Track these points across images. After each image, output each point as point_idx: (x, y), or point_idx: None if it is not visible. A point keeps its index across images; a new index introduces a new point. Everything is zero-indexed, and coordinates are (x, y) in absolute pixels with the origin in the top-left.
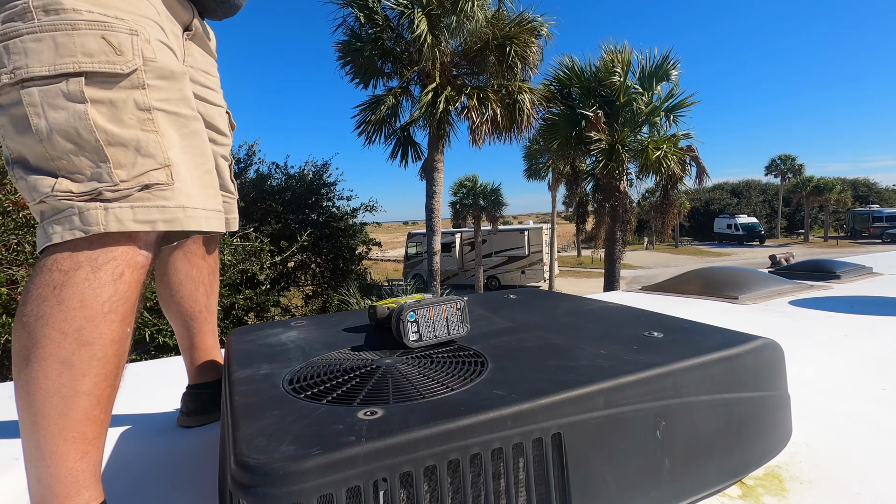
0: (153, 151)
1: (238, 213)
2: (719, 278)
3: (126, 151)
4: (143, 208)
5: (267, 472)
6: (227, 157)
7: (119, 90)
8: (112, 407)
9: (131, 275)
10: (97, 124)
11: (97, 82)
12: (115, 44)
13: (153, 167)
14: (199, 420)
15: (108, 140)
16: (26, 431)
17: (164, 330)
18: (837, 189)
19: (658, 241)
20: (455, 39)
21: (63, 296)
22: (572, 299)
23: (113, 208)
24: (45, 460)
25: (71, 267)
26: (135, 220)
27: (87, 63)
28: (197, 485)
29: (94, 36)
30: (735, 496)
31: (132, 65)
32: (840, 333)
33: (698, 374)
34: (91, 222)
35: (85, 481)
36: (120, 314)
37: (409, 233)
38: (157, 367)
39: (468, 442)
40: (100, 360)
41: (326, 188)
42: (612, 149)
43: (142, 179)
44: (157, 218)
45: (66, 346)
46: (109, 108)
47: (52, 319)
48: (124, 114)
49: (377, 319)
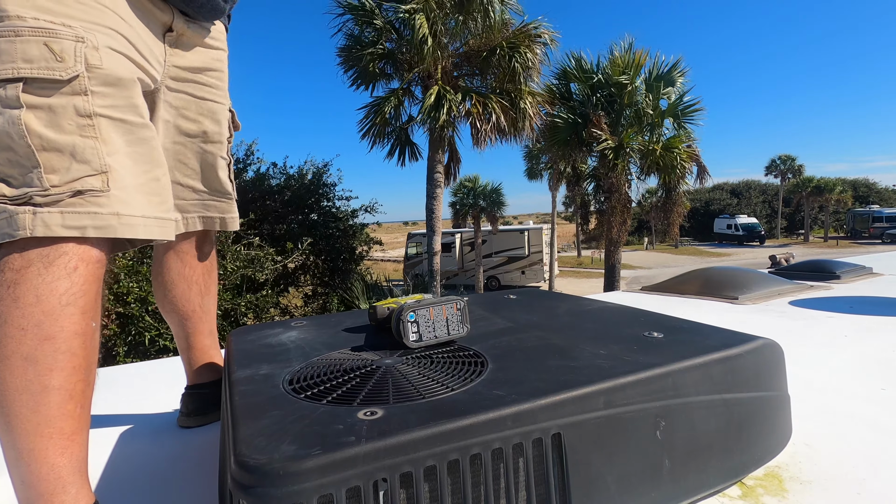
0: (89, 157)
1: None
2: (719, 278)
3: (61, 157)
4: (73, 214)
5: (267, 472)
6: (226, 157)
7: (59, 96)
8: (90, 403)
9: (86, 268)
10: (31, 129)
11: (36, 88)
12: (57, 50)
13: (88, 173)
14: (199, 420)
15: (43, 145)
16: (2, 434)
17: (164, 334)
18: (837, 189)
19: (659, 241)
20: (457, 41)
21: (18, 293)
22: (572, 299)
23: (41, 213)
24: (25, 459)
25: (22, 265)
26: (63, 226)
27: (25, 69)
28: (197, 485)
29: (36, 42)
30: (735, 496)
31: (72, 71)
32: (840, 333)
33: (698, 375)
34: (18, 226)
35: (69, 477)
36: (79, 307)
37: (409, 233)
38: (157, 368)
39: (468, 442)
40: (65, 353)
41: (326, 188)
42: (619, 149)
43: (74, 185)
44: (87, 224)
45: (27, 341)
46: (48, 114)
47: (10, 317)
48: (63, 119)
49: (377, 320)
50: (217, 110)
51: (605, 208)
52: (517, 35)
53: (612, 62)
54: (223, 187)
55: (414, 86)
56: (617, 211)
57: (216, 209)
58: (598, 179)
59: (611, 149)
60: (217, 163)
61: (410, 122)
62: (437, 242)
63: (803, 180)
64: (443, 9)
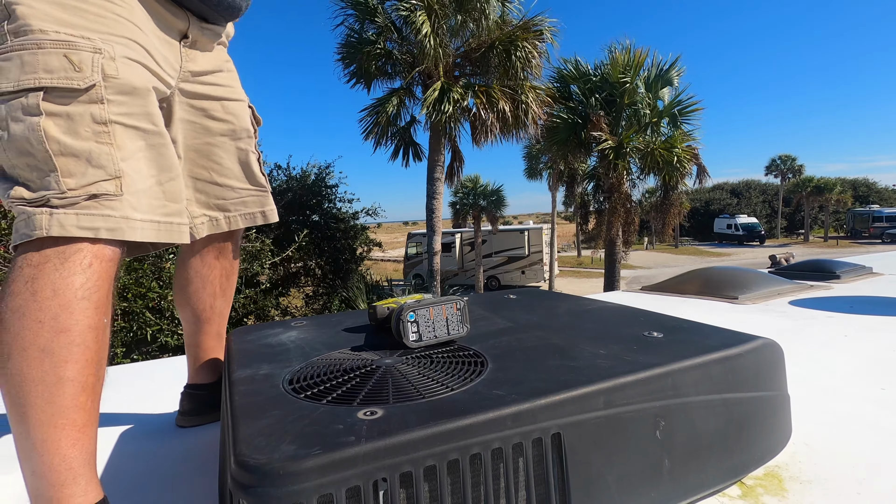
0: (104, 163)
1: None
2: (719, 278)
3: (78, 162)
4: (87, 216)
5: (267, 472)
6: (255, 151)
7: (77, 104)
8: (99, 398)
9: (100, 265)
10: (50, 136)
11: (56, 97)
12: (76, 61)
13: (103, 178)
14: (195, 421)
15: (60, 151)
16: (16, 425)
17: (165, 330)
18: (837, 189)
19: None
20: (458, 40)
21: (35, 287)
22: (572, 299)
23: (58, 214)
24: (38, 449)
25: (40, 261)
26: (78, 227)
27: (46, 79)
28: (197, 485)
29: (56, 54)
30: (735, 496)
31: (90, 80)
32: (840, 333)
33: (698, 374)
34: (36, 227)
35: (80, 469)
36: (94, 301)
37: (410, 233)
38: (157, 367)
39: (468, 442)
40: (79, 346)
41: (328, 190)
42: (619, 149)
43: (90, 189)
44: (100, 226)
45: (43, 333)
46: (66, 121)
47: (28, 310)
48: (80, 126)
49: (377, 319)
50: (238, 107)
51: (606, 208)
52: (516, 31)
53: (612, 62)
54: (259, 180)
55: (415, 85)
56: (618, 211)
57: (256, 203)
58: (598, 179)
59: (611, 149)
60: (249, 158)
61: (413, 123)
62: (437, 242)
63: (803, 180)
64: (443, 7)
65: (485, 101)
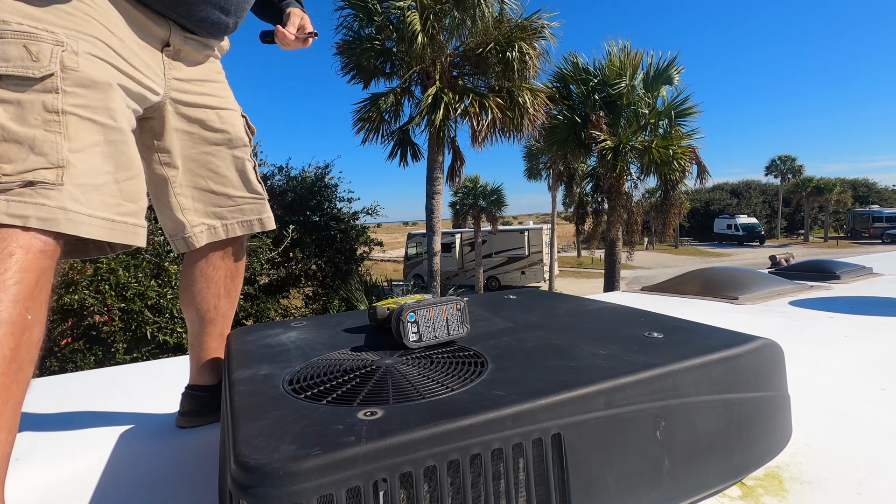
0: (47, 151)
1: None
2: (719, 279)
3: (20, 148)
4: (18, 203)
5: (267, 472)
6: (251, 159)
7: (30, 92)
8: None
9: (24, 256)
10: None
11: (9, 84)
12: (35, 51)
13: (42, 165)
14: (195, 422)
15: (3, 136)
16: None
17: (164, 328)
18: (837, 189)
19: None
20: (455, 39)
21: None
22: (572, 300)
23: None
24: None
25: None
26: (6, 213)
27: (2, 67)
28: (197, 485)
29: (16, 44)
30: (735, 497)
31: (46, 70)
32: (840, 333)
33: (698, 375)
34: None
35: None
36: (11, 294)
37: (409, 233)
38: (157, 367)
39: (468, 442)
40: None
41: (328, 190)
42: (618, 149)
43: (26, 176)
44: (31, 214)
45: None
46: (16, 108)
47: None
48: (29, 114)
49: (377, 320)
50: (232, 117)
51: (604, 208)
52: (514, 30)
53: (610, 62)
54: (255, 188)
55: (414, 85)
56: (617, 211)
57: (253, 211)
58: (598, 179)
59: (610, 149)
60: (246, 166)
61: (410, 122)
62: (437, 243)
63: (803, 180)
64: (438, 3)
65: (477, 109)
